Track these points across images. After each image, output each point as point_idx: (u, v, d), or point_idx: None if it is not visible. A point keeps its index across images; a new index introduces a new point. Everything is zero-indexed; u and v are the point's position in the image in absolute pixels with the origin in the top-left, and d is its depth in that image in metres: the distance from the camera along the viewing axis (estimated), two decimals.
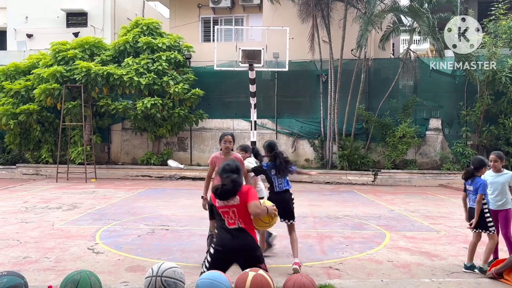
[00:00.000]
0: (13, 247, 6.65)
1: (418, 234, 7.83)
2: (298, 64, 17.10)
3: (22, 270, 5.35)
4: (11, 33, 19.89)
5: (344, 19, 16.15)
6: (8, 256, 6.20)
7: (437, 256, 6.39)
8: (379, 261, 6.11)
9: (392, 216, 9.62)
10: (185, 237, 7.46)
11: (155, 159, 17.28)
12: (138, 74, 16.06)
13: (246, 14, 20.10)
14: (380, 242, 7.21)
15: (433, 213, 10.10)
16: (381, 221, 9.07)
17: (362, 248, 6.78)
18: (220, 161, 5.29)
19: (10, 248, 6.62)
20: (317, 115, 17.47)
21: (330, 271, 5.66)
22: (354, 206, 11.00)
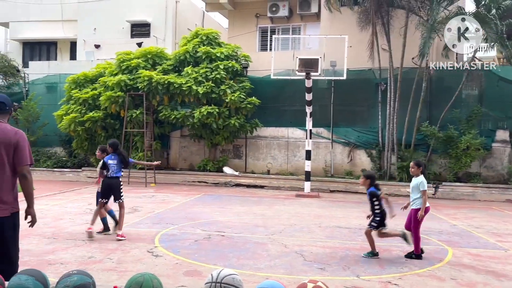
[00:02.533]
0: (79, 247, 7.01)
1: (484, 252, 7.41)
2: (356, 73, 16.82)
3: (87, 269, 5.59)
4: (81, 44, 21.13)
5: (405, 26, 15.72)
6: (75, 255, 6.54)
7: (506, 276, 6.01)
8: (442, 278, 5.84)
9: (454, 232, 9.18)
10: (240, 244, 7.52)
11: (211, 165, 17.60)
12: (197, 83, 16.48)
13: (304, 23, 20.10)
14: (442, 258, 6.90)
15: (500, 230, 9.52)
16: (443, 236, 8.68)
17: (422, 264, 6.52)
18: None
19: (76, 247, 6.99)
20: (375, 124, 17.07)
21: (389, 287, 5.48)
22: None
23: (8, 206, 3.92)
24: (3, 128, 3.93)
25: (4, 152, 3.86)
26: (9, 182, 3.93)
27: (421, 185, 6.78)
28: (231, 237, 8.03)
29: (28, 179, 3.96)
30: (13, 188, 3.99)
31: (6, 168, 3.89)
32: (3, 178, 3.88)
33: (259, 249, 7.18)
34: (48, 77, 20.16)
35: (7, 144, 3.87)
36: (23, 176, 3.94)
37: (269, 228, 9.01)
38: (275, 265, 6.26)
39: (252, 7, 20.27)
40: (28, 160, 3.98)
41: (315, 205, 12.84)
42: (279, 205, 12.61)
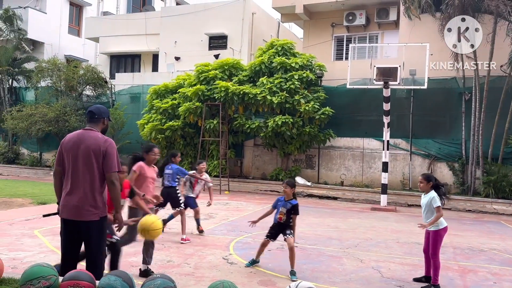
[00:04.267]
0: (159, 251, 7.30)
1: None
2: (437, 81, 16.04)
3: (166, 273, 5.82)
4: (162, 56, 22.25)
5: (493, 33, 14.75)
6: (155, 258, 6.80)
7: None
8: None
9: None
10: (314, 256, 7.41)
11: (284, 175, 17.62)
12: (271, 93, 16.65)
13: (381, 31, 19.60)
14: None
15: None
16: None
17: None
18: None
19: (157, 251, 7.26)
20: (458, 136, 16.12)
21: None
22: (502, 239, 9.83)
23: (98, 211, 4.15)
24: (94, 137, 4.20)
25: (94, 159, 4.12)
26: (99, 187, 4.17)
27: (433, 201, 5.98)
28: (305, 249, 7.95)
29: (115, 185, 4.16)
30: (102, 193, 4.23)
31: (96, 174, 4.14)
32: (94, 183, 4.13)
33: (333, 263, 7.04)
34: (132, 88, 21.46)
35: (97, 151, 4.12)
36: (111, 182, 4.15)
37: (343, 241, 8.80)
38: (350, 280, 6.09)
39: (328, 16, 20.13)
40: (116, 167, 4.19)
41: (392, 219, 12.35)
42: (354, 218, 12.29)
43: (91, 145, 4.13)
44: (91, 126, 4.28)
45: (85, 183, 4.09)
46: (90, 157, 4.10)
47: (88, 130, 4.25)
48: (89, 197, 4.08)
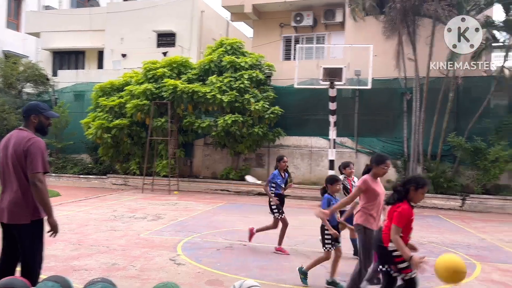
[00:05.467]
0: (103, 253, 7.09)
1: None
2: (381, 82, 16.62)
3: (110, 276, 5.67)
4: (108, 53, 21.59)
5: (431, 35, 15.48)
6: (99, 261, 6.61)
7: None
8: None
9: (483, 246, 8.90)
10: (262, 254, 7.48)
11: (234, 174, 17.63)
12: (221, 92, 16.59)
13: (328, 32, 20.05)
14: (470, 273, 6.68)
15: None
16: (471, 250, 8.43)
17: None
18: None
19: (100, 254, 7.07)
20: (400, 134, 16.80)
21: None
22: (439, 233, 10.35)
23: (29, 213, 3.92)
24: (21, 136, 3.98)
25: (16, 159, 3.92)
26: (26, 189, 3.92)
27: None
28: (254, 247, 8.00)
29: (38, 187, 3.86)
30: (31, 195, 3.96)
31: (21, 175, 3.92)
32: (23, 185, 3.92)
33: (281, 260, 7.13)
34: (76, 86, 20.67)
35: (19, 151, 3.91)
36: (33, 184, 3.87)
37: (292, 238, 8.92)
38: (297, 276, 6.17)
39: (277, 16, 20.34)
40: (39, 167, 3.89)
41: None
42: (303, 215, 12.49)
43: (15, 145, 3.94)
44: (24, 125, 4.08)
45: (14, 185, 3.91)
46: (15, 158, 3.92)
47: (20, 130, 4.06)
48: (19, 200, 3.90)
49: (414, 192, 4.21)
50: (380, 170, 5.12)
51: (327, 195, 5.99)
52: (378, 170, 5.13)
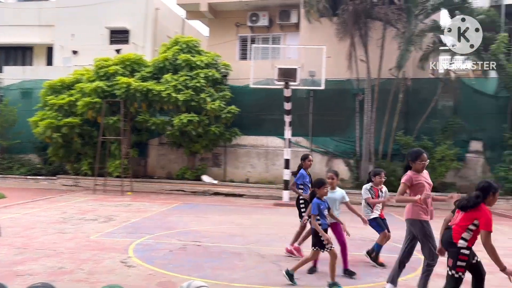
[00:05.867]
0: (49, 257, 6.82)
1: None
2: (334, 83, 16.98)
3: (56, 281, 5.47)
4: (58, 49, 20.81)
5: (382, 38, 15.98)
6: (45, 265, 6.36)
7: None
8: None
9: None
10: (215, 254, 7.44)
11: (190, 174, 17.47)
12: (176, 91, 16.38)
13: (284, 33, 20.26)
14: (416, 267, 6.92)
15: None
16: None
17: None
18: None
19: (47, 258, 6.80)
20: (352, 134, 17.23)
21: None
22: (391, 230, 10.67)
23: None
24: None
25: None
26: None
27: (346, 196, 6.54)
28: (208, 247, 7.95)
29: None
30: None
31: None
32: None
33: (235, 259, 7.12)
34: (23, 83, 19.77)
35: None
36: None
37: (246, 237, 8.96)
38: (250, 276, 6.21)
39: (233, 16, 20.33)
40: None
41: (293, 214, 12.71)
42: (258, 214, 12.57)
43: None
44: None
45: None
46: None
47: None
48: None
49: (492, 196, 4.47)
50: (418, 165, 5.33)
51: (316, 199, 5.81)
52: (416, 165, 5.34)
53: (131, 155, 17.32)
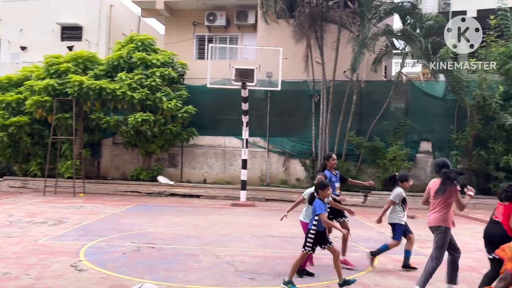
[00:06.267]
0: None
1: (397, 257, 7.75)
2: (291, 84, 17.19)
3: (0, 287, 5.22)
4: (5, 44, 19.89)
5: (337, 41, 16.33)
6: None
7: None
8: (367, 285, 6.04)
9: (381, 239, 9.54)
10: (170, 256, 7.34)
11: (145, 175, 17.15)
12: (131, 89, 16.04)
13: (241, 33, 20.29)
14: (368, 265, 7.13)
15: (423, 236, 10.01)
16: (370, 243, 9.01)
17: (350, 271, 6.69)
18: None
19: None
20: (308, 134, 17.50)
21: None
22: None
23: None
24: None
25: None
26: None
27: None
28: (162, 249, 7.82)
29: None
30: None
31: None
32: None
33: (190, 261, 7.05)
34: None
35: None
36: None
37: (202, 238, 8.89)
38: (205, 277, 6.16)
39: (190, 15, 20.16)
40: None
41: (250, 214, 12.88)
42: (214, 214, 12.51)
43: None
44: None
45: None
46: None
47: None
48: None
49: None
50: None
51: (319, 200, 5.75)
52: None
53: (84, 155, 16.79)
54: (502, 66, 15.06)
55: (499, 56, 15.11)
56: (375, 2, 15.78)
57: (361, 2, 15.36)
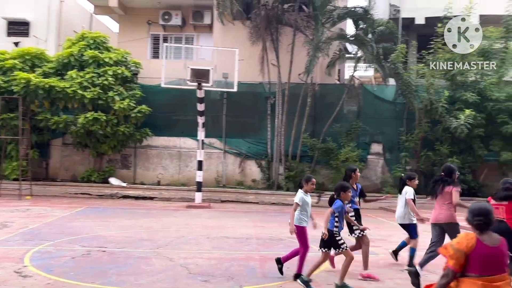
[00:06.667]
0: None
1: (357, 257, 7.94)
2: (247, 85, 17.23)
3: None
4: None
5: (292, 44, 16.54)
6: None
7: (374, 279, 6.51)
8: (319, 284, 6.14)
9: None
10: (122, 259, 7.16)
11: (97, 176, 16.66)
12: (82, 88, 15.55)
13: (197, 33, 20.14)
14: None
15: (373, 236, 10.26)
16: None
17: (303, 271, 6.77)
18: None
19: None
20: (264, 136, 17.61)
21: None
22: None
23: None
24: None
25: None
26: None
27: None
28: (113, 253, 7.61)
29: None
30: None
31: None
32: None
33: (142, 264, 6.90)
34: None
35: None
36: None
37: (155, 241, 8.73)
38: (157, 280, 6.05)
39: (144, 13, 19.79)
40: None
41: (205, 216, 12.79)
42: (169, 217, 12.33)
43: None
44: None
45: None
46: None
47: None
48: None
49: None
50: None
51: (339, 200, 5.94)
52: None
53: (31, 156, 16.08)
54: (447, 71, 15.79)
55: (445, 62, 15.82)
56: (329, 6, 16.13)
57: (316, 6, 15.66)
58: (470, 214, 3.31)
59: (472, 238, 3.20)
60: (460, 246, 3.18)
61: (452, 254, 3.20)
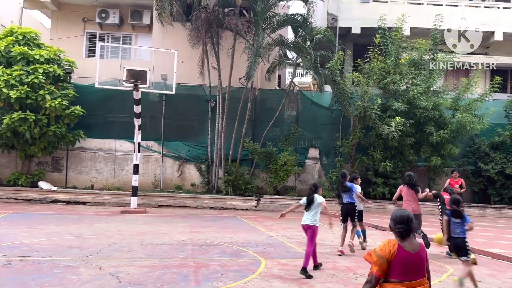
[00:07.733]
0: None
1: (292, 261, 8.07)
2: (187, 88, 17.04)
3: None
4: None
5: (233, 48, 16.56)
6: None
7: (307, 284, 6.61)
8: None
9: (269, 243, 9.83)
10: (46, 269, 6.76)
11: (24, 180, 15.73)
12: (9, 86, 14.61)
13: (135, 33, 19.63)
14: (255, 270, 7.28)
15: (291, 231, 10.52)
16: (259, 247, 9.21)
17: (236, 277, 6.76)
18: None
19: None
20: (204, 139, 17.47)
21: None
22: (235, 233, 11.05)
23: None
24: None
25: None
26: None
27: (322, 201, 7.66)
28: (37, 262, 7.17)
29: None
30: None
31: None
32: None
33: (68, 274, 6.56)
34: None
35: None
36: None
37: (84, 249, 8.34)
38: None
39: (79, 10, 18.99)
40: None
41: (140, 221, 12.44)
42: (101, 222, 11.86)
43: None
44: None
45: None
46: None
47: None
48: None
49: None
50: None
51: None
52: None
53: None
54: (380, 80, 16.49)
55: (379, 71, 16.53)
56: (269, 13, 16.32)
57: (256, 12, 15.78)
58: (392, 221, 3.42)
59: (394, 245, 3.31)
60: (383, 253, 3.28)
61: (376, 261, 3.30)
